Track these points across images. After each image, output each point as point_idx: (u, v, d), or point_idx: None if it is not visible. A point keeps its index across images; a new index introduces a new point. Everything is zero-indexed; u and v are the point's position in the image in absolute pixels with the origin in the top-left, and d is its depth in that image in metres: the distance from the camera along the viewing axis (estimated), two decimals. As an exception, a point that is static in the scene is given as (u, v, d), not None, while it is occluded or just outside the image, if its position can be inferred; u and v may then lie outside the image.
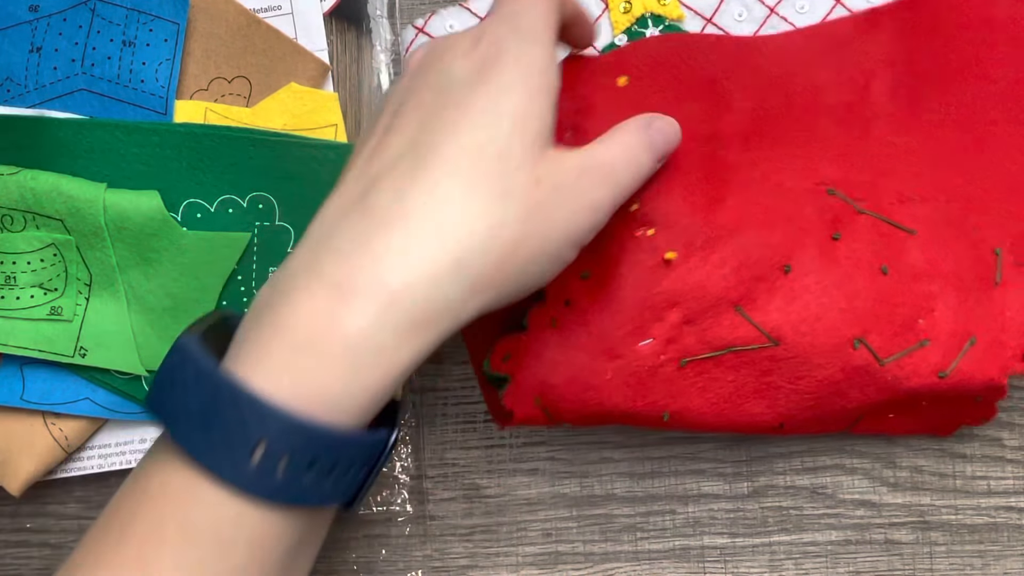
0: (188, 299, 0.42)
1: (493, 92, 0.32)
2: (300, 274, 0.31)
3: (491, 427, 0.45)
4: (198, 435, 0.30)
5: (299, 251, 0.32)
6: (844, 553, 0.45)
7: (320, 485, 0.31)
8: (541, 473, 0.45)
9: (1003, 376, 0.37)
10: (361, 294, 0.30)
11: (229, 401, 0.30)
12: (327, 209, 0.33)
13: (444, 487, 0.45)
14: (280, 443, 0.30)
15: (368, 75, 0.44)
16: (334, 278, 0.30)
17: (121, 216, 0.41)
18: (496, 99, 0.32)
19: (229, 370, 0.30)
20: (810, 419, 0.39)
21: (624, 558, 0.45)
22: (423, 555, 0.46)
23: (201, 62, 0.43)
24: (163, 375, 0.31)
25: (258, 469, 0.30)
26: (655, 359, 0.37)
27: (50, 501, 0.46)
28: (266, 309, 0.31)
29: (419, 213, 0.31)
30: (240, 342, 0.31)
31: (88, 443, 0.44)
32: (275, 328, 0.30)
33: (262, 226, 0.43)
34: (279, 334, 0.30)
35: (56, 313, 0.42)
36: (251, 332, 0.31)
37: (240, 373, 0.30)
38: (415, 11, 0.45)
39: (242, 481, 0.30)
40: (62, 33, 0.42)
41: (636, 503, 0.45)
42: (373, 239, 0.31)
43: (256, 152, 0.42)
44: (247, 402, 0.29)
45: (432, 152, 0.32)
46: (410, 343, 0.31)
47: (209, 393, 0.30)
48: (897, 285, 0.37)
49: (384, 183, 0.32)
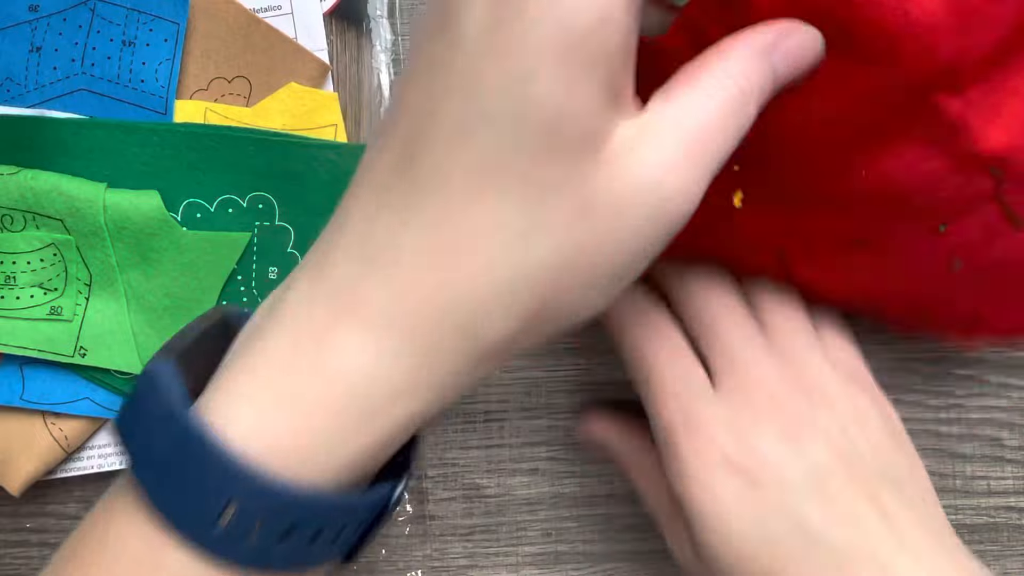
0: (188, 299, 0.42)
1: (512, 66, 0.22)
2: (293, 300, 0.26)
3: (491, 427, 0.45)
4: (161, 481, 0.25)
5: (299, 271, 0.27)
6: (844, 553, 0.45)
7: (305, 550, 0.26)
8: (541, 473, 0.45)
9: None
10: (358, 329, 0.25)
11: (196, 451, 0.25)
12: (330, 233, 0.27)
13: (444, 487, 0.45)
14: (251, 506, 0.25)
15: (368, 75, 0.44)
16: (329, 308, 0.25)
17: (121, 216, 0.41)
18: (515, 79, 0.22)
19: (200, 412, 0.25)
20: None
21: (624, 558, 0.45)
22: (423, 555, 0.46)
23: (201, 62, 0.43)
24: (130, 402, 0.26)
25: (227, 532, 0.25)
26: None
27: (50, 501, 0.46)
28: (256, 336, 0.27)
29: (414, 261, 0.25)
30: (221, 373, 0.27)
31: (88, 443, 0.44)
32: (254, 369, 0.26)
33: (262, 226, 0.43)
34: (258, 375, 0.26)
35: (56, 313, 0.42)
36: (235, 363, 0.26)
37: (212, 417, 0.25)
38: (415, 11, 0.45)
39: (209, 543, 0.25)
40: (62, 33, 0.42)
41: (636, 503, 0.45)
42: (359, 286, 0.25)
43: (256, 152, 0.42)
44: (215, 456, 0.24)
45: (426, 176, 0.24)
46: (417, 392, 0.25)
47: (175, 438, 0.25)
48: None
49: (382, 217, 0.25)
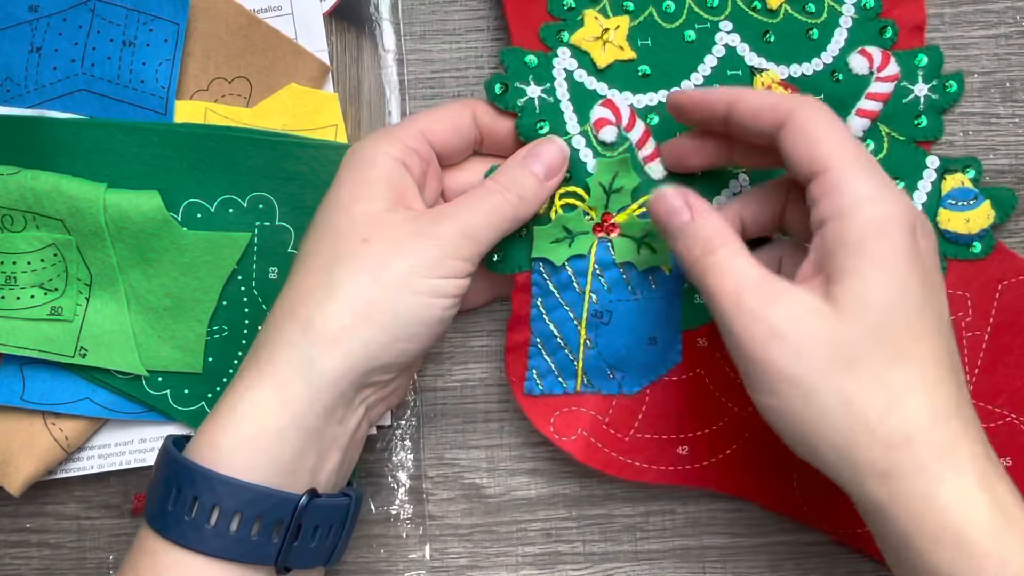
0: (188, 299, 0.42)
1: (333, 193, 0.38)
2: (262, 347, 0.36)
3: (491, 427, 0.45)
4: (164, 511, 0.34)
5: (269, 317, 0.37)
6: (844, 553, 0.45)
7: (291, 547, 0.35)
8: (541, 473, 0.45)
9: None
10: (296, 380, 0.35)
11: (185, 474, 0.34)
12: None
13: (444, 487, 0.45)
14: (230, 503, 0.34)
15: (368, 75, 0.44)
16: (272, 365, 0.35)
17: (121, 216, 0.41)
18: (332, 200, 0.38)
19: (190, 448, 0.35)
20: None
21: (624, 558, 0.45)
22: (423, 555, 0.46)
23: (201, 62, 0.43)
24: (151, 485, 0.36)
25: (215, 530, 0.34)
26: None
27: (50, 501, 0.46)
28: (237, 380, 0.36)
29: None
30: (212, 414, 0.36)
31: (88, 443, 0.44)
32: (228, 412, 0.35)
33: (262, 226, 0.43)
34: (231, 420, 0.35)
35: (56, 313, 0.42)
36: (220, 404, 0.36)
37: (197, 455, 0.35)
38: (415, 11, 0.45)
39: (203, 546, 0.34)
40: (62, 33, 0.42)
41: (636, 503, 0.45)
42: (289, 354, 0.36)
43: (256, 152, 0.42)
44: (200, 473, 0.34)
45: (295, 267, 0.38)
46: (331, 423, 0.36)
47: (171, 470, 0.35)
48: None
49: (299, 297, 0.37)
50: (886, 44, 0.43)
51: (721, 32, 0.42)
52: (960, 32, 0.44)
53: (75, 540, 0.46)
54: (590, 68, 0.42)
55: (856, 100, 0.43)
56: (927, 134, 0.43)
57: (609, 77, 0.42)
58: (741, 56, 0.42)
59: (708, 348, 0.43)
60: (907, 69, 0.43)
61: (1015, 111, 0.44)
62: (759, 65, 0.43)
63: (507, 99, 0.41)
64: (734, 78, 0.42)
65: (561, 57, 0.42)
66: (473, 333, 0.45)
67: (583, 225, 0.41)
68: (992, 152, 0.44)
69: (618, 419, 0.43)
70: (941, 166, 0.43)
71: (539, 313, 0.42)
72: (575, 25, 0.42)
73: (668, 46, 0.42)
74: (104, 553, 0.45)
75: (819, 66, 0.43)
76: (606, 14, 0.42)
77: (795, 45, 0.43)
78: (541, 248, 0.41)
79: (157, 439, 0.44)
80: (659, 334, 0.43)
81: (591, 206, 0.41)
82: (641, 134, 0.42)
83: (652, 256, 0.42)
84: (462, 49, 0.45)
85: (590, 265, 0.42)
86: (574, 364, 0.42)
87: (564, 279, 0.42)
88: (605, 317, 0.42)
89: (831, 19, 0.43)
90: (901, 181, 0.43)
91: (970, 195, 0.43)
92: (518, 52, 0.42)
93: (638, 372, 0.43)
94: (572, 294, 0.42)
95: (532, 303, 0.42)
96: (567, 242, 0.42)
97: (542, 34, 0.42)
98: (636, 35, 0.42)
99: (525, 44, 0.42)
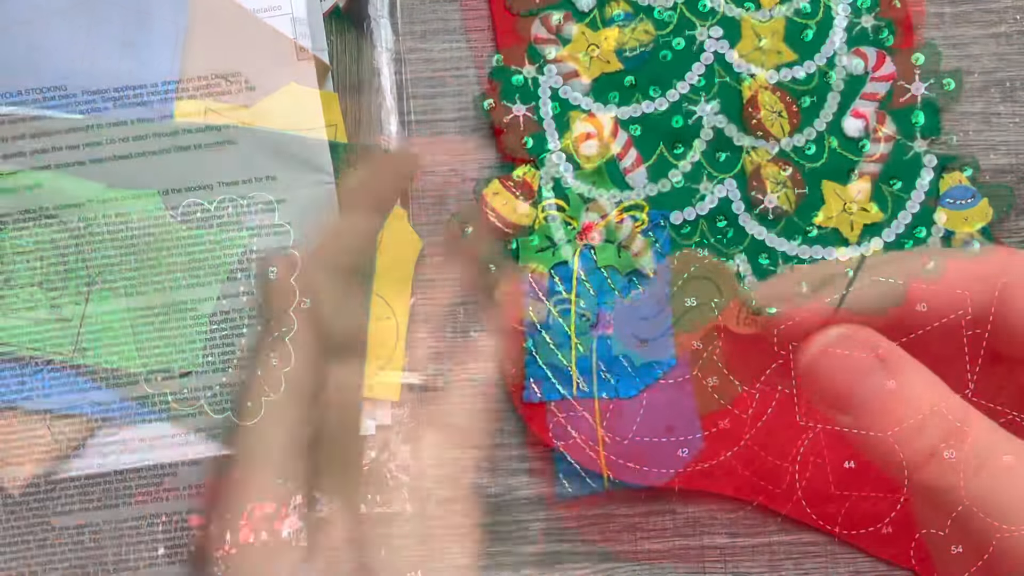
0: (188, 299, 0.42)
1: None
2: None
3: (491, 427, 0.45)
4: None
5: None
6: (844, 553, 0.45)
7: None
8: (541, 473, 0.45)
9: None
10: None
11: None
12: None
13: (444, 487, 0.45)
14: None
15: (368, 75, 0.44)
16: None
17: (121, 216, 0.41)
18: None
19: None
20: None
21: (624, 558, 0.45)
22: (423, 555, 0.45)
23: (201, 62, 0.43)
24: None
25: None
26: None
27: (50, 501, 0.46)
28: None
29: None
30: None
31: (88, 443, 0.44)
32: None
33: (262, 226, 0.43)
34: None
35: (56, 312, 0.42)
36: None
37: None
38: (415, 11, 0.45)
39: None
40: (62, 33, 0.42)
41: (636, 503, 0.45)
42: None
43: (256, 152, 0.42)
44: None
45: None
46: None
47: None
48: None
49: None
50: (882, 44, 0.43)
51: (711, 39, 0.43)
52: (960, 31, 0.44)
53: (75, 540, 0.46)
54: (576, 84, 0.43)
55: (851, 101, 0.43)
56: (924, 132, 0.43)
57: (595, 91, 0.43)
58: (730, 63, 0.43)
59: (703, 350, 0.44)
60: (903, 68, 0.43)
61: (1015, 110, 0.44)
62: (748, 71, 0.43)
63: (495, 116, 0.43)
64: (723, 85, 0.43)
65: (547, 76, 0.43)
66: (473, 333, 0.45)
67: (565, 234, 0.43)
68: (992, 151, 0.44)
69: (616, 423, 0.43)
70: (939, 164, 0.43)
71: (531, 321, 0.43)
72: (563, 41, 0.43)
73: (656, 56, 0.43)
74: (104, 552, 0.46)
75: (811, 68, 0.43)
76: (595, 27, 0.43)
77: (787, 48, 0.43)
78: (527, 257, 0.43)
79: (157, 439, 0.44)
80: (649, 336, 0.43)
81: (571, 216, 0.43)
82: (623, 145, 0.43)
83: (633, 260, 0.43)
84: (462, 48, 0.45)
85: (574, 271, 0.43)
86: (567, 369, 0.43)
87: (551, 286, 0.43)
88: (593, 320, 0.43)
89: (825, 19, 0.43)
90: (899, 180, 0.43)
91: (968, 193, 0.43)
92: (507, 71, 0.43)
93: (632, 375, 0.43)
94: (560, 300, 0.43)
95: (524, 311, 0.43)
96: (551, 251, 0.43)
97: (529, 52, 0.43)
98: (623, 48, 0.43)
99: (512, 59, 0.44)
